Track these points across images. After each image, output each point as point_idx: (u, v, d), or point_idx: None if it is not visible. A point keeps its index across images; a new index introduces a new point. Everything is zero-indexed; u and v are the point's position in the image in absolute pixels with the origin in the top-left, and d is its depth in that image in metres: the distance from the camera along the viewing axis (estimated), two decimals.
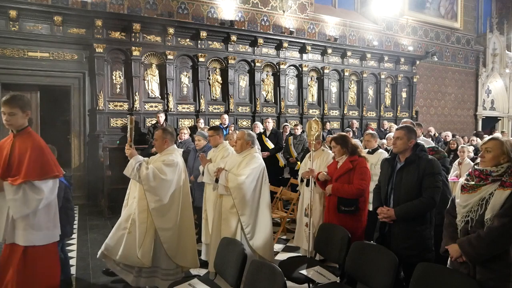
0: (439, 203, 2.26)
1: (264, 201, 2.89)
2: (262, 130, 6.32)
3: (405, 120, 3.62)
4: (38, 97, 6.23)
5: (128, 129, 2.74)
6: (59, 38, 6.00)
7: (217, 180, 2.85)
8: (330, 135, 5.83)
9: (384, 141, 5.01)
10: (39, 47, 5.90)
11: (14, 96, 2.09)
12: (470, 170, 1.92)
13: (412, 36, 10.48)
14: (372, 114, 9.44)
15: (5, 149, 2.07)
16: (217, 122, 7.07)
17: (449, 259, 1.94)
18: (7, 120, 2.07)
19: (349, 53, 8.80)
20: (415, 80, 10.08)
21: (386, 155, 3.45)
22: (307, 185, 3.27)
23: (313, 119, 3.41)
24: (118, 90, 6.60)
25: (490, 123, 12.66)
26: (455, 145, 6.13)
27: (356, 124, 8.52)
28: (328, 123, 8.12)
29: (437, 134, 8.79)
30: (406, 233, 2.24)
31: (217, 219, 2.86)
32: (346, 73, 8.89)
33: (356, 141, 3.10)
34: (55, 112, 7.82)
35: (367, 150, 4.01)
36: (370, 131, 4.34)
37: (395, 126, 5.49)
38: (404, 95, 9.98)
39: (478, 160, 1.91)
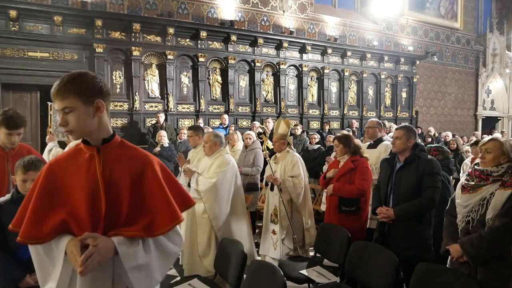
0: (438, 203, 2.26)
1: (237, 203, 2.83)
2: (261, 130, 6.31)
3: (371, 120, 3.62)
4: (38, 97, 6.23)
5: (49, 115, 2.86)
6: (59, 38, 6.00)
7: (189, 184, 2.77)
8: (331, 135, 5.84)
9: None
10: (39, 47, 5.90)
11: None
12: (470, 170, 1.92)
13: (412, 36, 10.48)
14: (372, 114, 9.43)
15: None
16: (217, 122, 7.07)
17: (449, 259, 1.94)
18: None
19: (349, 53, 8.80)
20: (415, 80, 10.08)
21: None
22: (272, 189, 3.10)
23: (285, 118, 3.24)
24: (118, 90, 6.60)
25: (490, 123, 12.66)
26: (455, 145, 6.12)
27: (356, 124, 8.52)
28: (326, 124, 8.11)
29: (437, 134, 8.79)
30: (405, 233, 2.24)
31: (190, 225, 2.78)
32: (346, 73, 8.89)
33: (357, 141, 3.09)
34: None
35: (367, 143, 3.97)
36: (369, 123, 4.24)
37: (395, 126, 5.49)
38: (404, 95, 9.98)
39: (478, 160, 1.92)
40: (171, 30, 6.70)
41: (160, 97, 6.94)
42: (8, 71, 5.68)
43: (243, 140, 4.57)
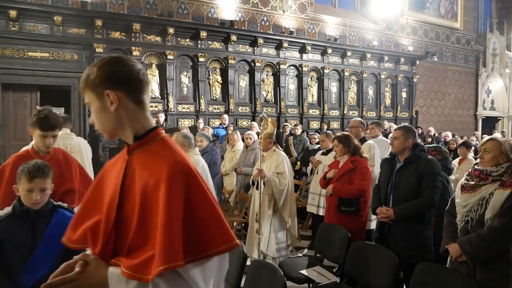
0: (438, 203, 2.26)
1: None
2: (259, 130, 6.30)
3: (354, 119, 3.69)
4: (38, 97, 6.23)
5: None
6: (59, 38, 6.00)
7: None
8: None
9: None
10: (39, 47, 5.90)
11: None
12: (470, 170, 1.92)
13: (412, 36, 10.48)
14: (372, 114, 9.43)
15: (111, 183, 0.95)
16: (217, 122, 7.07)
17: (448, 259, 1.95)
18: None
19: (349, 53, 8.80)
20: (415, 80, 10.09)
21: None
22: (257, 188, 3.09)
23: (270, 118, 3.26)
24: None
25: (490, 123, 12.66)
26: (455, 145, 6.13)
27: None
28: (324, 124, 8.11)
29: (436, 134, 8.79)
30: (405, 233, 2.25)
31: None
32: (346, 73, 8.89)
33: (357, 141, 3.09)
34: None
35: (321, 151, 3.96)
36: (327, 131, 4.27)
37: (395, 126, 5.49)
38: (404, 95, 9.98)
39: (478, 160, 1.92)
40: (171, 30, 6.70)
41: (160, 97, 6.94)
42: (8, 71, 5.68)
43: (243, 140, 4.58)
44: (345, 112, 8.93)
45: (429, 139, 8.03)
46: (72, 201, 2.02)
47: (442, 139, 7.91)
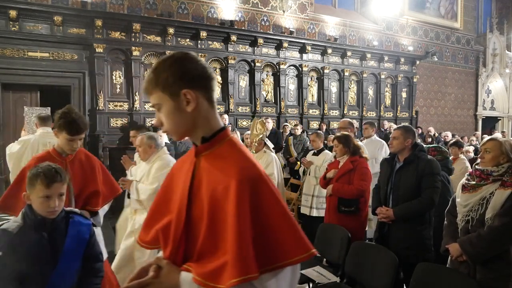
0: (438, 203, 2.26)
1: None
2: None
3: (343, 120, 3.71)
4: (38, 97, 6.23)
5: None
6: (59, 38, 6.00)
7: (129, 195, 2.55)
8: (331, 135, 5.83)
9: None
10: (39, 47, 5.90)
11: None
12: (471, 170, 1.93)
13: (412, 36, 10.48)
14: (372, 114, 9.43)
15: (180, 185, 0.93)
16: None
17: (449, 258, 1.95)
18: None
19: (349, 53, 8.80)
20: (415, 80, 10.08)
21: (331, 156, 3.36)
22: None
23: (260, 119, 3.23)
24: (118, 90, 6.59)
25: (490, 123, 12.66)
26: None
27: (356, 124, 8.50)
28: (323, 124, 8.11)
29: (436, 134, 8.79)
30: (405, 233, 2.25)
31: (129, 235, 2.50)
32: (346, 73, 8.89)
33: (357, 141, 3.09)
34: (55, 112, 7.82)
35: (312, 151, 3.92)
36: (317, 130, 4.26)
37: (395, 126, 5.49)
38: (404, 95, 9.98)
39: (479, 160, 1.92)
40: (171, 30, 6.70)
41: None
42: (8, 71, 5.68)
43: (243, 141, 4.57)
44: (345, 112, 8.92)
45: (429, 139, 8.03)
46: (96, 204, 1.95)
47: (442, 139, 7.92)
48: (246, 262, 0.74)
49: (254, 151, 3.17)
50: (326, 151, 3.84)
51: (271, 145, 3.61)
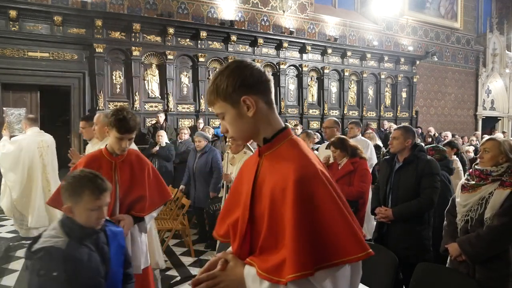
0: (439, 203, 2.26)
1: None
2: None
3: (329, 119, 3.73)
4: (38, 97, 6.23)
5: None
6: (59, 38, 6.01)
7: None
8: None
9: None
10: (39, 47, 5.90)
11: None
12: (471, 170, 1.93)
13: (412, 36, 10.48)
14: (372, 114, 9.43)
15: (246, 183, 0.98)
16: (217, 122, 7.07)
17: (448, 258, 1.95)
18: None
19: (349, 53, 8.80)
20: (415, 80, 10.08)
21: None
22: (227, 191, 2.99)
23: None
24: (118, 90, 6.60)
25: (490, 123, 12.66)
26: None
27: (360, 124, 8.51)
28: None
29: (437, 134, 8.79)
30: (404, 233, 2.24)
31: None
32: (346, 73, 8.89)
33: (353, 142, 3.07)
34: (56, 112, 7.83)
35: None
36: (307, 130, 4.22)
37: (394, 126, 5.49)
38: (404, 95, 9.98)
39: (478, 160, 1.92)
40: (171, 30, 6.71)
41: (160, 97, 6.94)
42: (8, 71, 5.69)
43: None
44: (345, 112, 8.93)
45: (429, 139, 8.03)
46: (142, 210, 1.83)
47: (442, 139, 7.91)
48: (302, 258, 0.77)
49: (232, 153, 3.04)
50: (315, 151, 3.84)
51: (252, 146, 3.51)
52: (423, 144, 2.49)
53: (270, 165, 0.89)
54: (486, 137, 2.06)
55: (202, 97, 7.21)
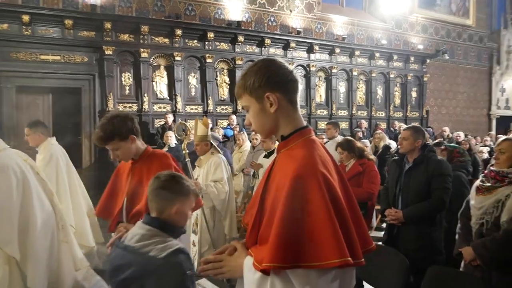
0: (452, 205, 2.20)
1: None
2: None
3: (330, 122, 3.93)
4: (50, 99, 6.37)
5: None
6: (70, 41, 6.13)
7: None
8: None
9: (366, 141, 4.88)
10: (50, 50, 6.03)
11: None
12: (486, 171, 1.87)
13: (422, 34, 10.29)
14: (381, 114, 9.30)
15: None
16: (225, 123, 7.09)
17: (462, 262, 1.89)
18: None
19: (357, 53, 8.70)
20: (425, 79, 9.89)
21: None
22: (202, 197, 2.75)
23: (202, 118, 2.97)
24: (127, 91, 6.68)
25: (505, 123, 12.30)
26: (468, 146, 5.98)
27: (365, 124, 8.39)
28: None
29: (451, 135, 8.59)
30: (415, 235, 2.20)
31: None
32: (355, 73, 8.79)
33: (364, 141, 3.04)
34: (67, 114, 7.98)
35: (263, 153, 3.53)
36: None
37: (404, 126, 5.40)
38: (414, 94, 9.80)
39: (493, 161, 1.86)
40: (178, 32, 6.76)
41: (168, 98, 7.00)
42: (22, 74, 5.83)
43: (251, 141, 4.57)
44: (353, 112, 8.82)
45: (442, 140, 7.84)
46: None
47: (454, 140, 7.73)
48: (279, 251, 0.80)
49: (198, 154, 2.89)
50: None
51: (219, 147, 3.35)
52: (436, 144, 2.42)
53: (282, 162, 0.94)
54: (502, 137, 1.99)
55: (210, 98, 7.24)
